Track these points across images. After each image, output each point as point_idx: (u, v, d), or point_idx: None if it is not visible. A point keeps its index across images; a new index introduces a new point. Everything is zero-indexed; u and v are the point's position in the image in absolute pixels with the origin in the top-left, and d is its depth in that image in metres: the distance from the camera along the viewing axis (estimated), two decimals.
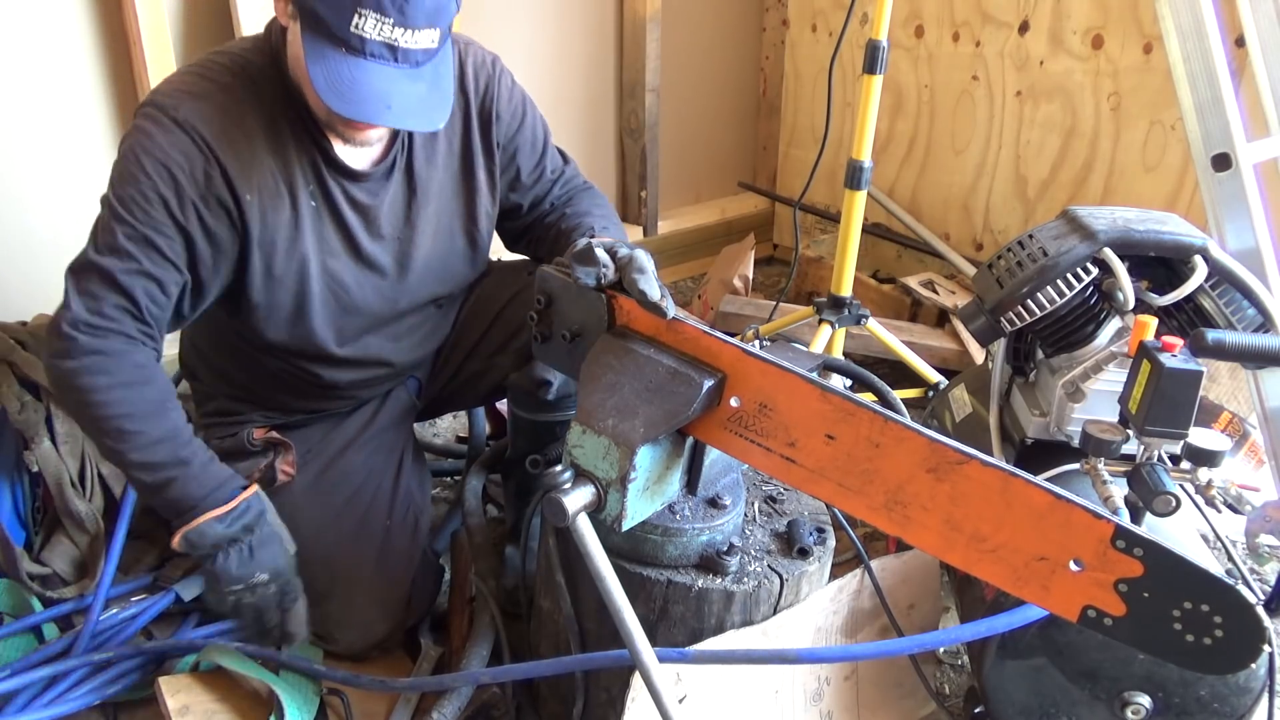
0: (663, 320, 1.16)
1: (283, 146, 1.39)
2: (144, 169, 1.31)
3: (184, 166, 1.31)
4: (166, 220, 1.33)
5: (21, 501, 1.69)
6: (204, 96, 1.34)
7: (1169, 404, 1.17)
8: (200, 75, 1.37)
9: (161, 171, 1.31)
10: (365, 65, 1.23)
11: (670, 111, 3.24)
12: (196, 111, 1.32)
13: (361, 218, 1.48)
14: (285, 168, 1.40)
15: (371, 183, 1.47)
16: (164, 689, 1.44)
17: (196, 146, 1.32)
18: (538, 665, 1.28)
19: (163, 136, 1.31)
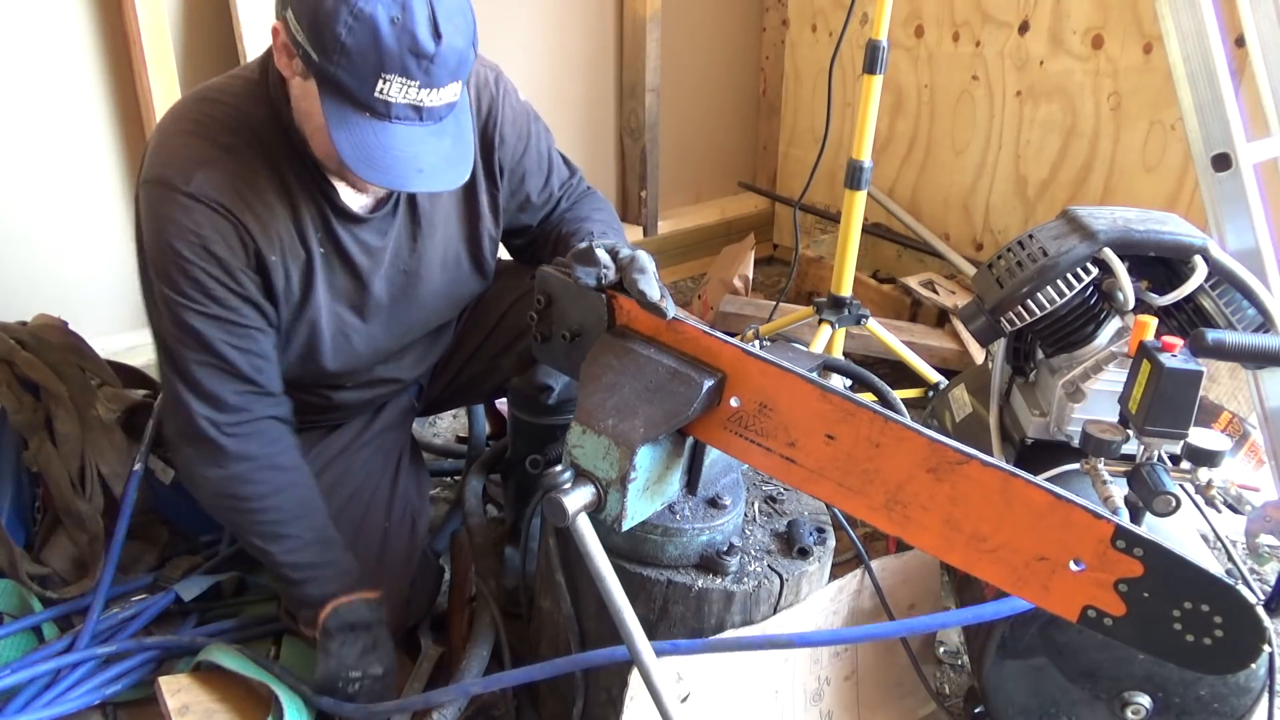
0: (663, 320, 1.16)
1: (292, 200, 1.36)
2: (184, 256, 1.29)
3: (217, 240, 1.29)
4: (228, 295, 1.32)
5: (21, 501, 1.69)
6: (211, 163, 1.29)
7: (1169, 404, 1.17)
8: (200, 136, 1.31)
9: (201, 253, 1.29)
10: (391, 129, 1.20)
11: (670, 111, 3.24)
12: (209, 181, 1.29)
13: (370, 260, 1.46)
14: (297, 221, 1.37)
15: (378, 223, 1.45)
16: (164, 689, 1.44)
17: (220, 216, 1.29)
18: (531, 670, 1.27)
19: (186, 217, 1.28)
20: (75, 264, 2.19)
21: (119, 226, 2.23)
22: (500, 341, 1.74)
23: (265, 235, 1.33)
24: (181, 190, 1.28)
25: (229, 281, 1.32)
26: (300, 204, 1.37)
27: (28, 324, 1.87)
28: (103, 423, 1.75)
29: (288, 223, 1.36)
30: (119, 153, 2.18)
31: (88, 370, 1.81)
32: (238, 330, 1.34)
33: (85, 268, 2.21)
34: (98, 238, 2.21)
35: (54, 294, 2.15)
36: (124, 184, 2.21)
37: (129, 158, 2.19)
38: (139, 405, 1.83)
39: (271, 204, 1.33)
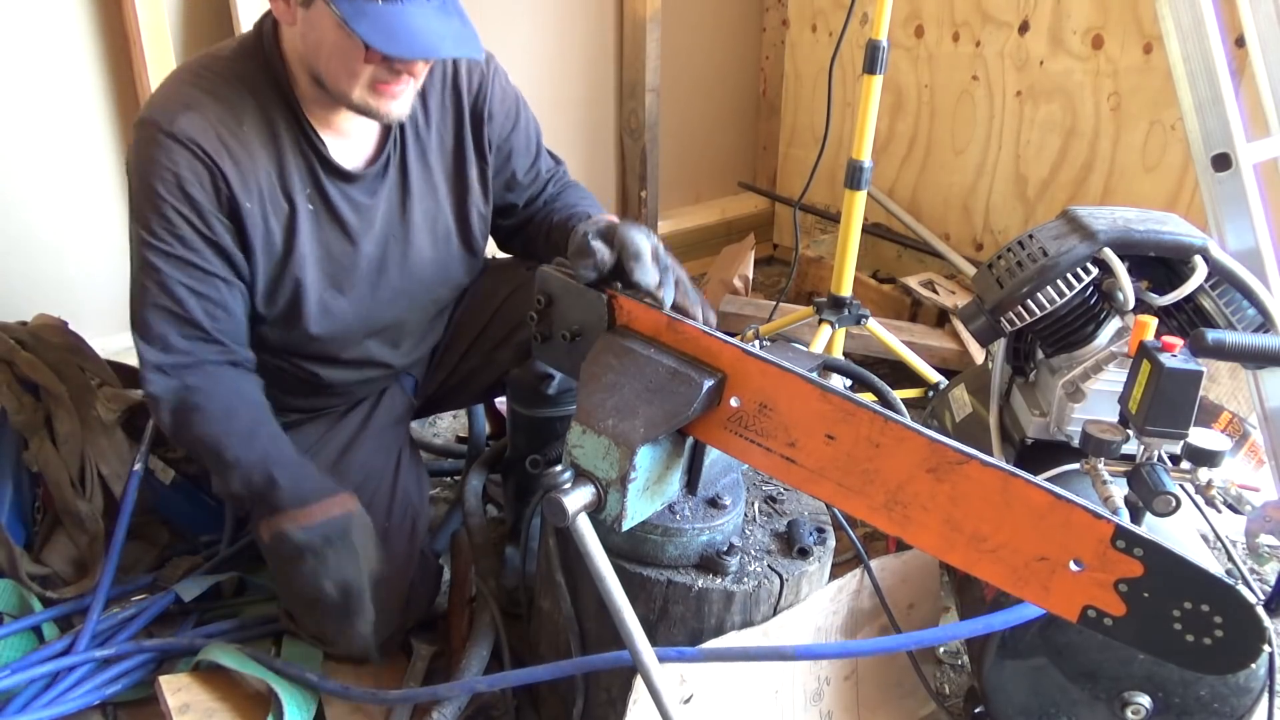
0: (663, 319, 1.16)
1: (279, 151, 1.40)
2: (159, 194, 1.33)
3: (192, 181, 1.33)
4: (195, 237, 1.35)
5: (21, 501, 1.69)
6: (197, 107, 1.34)
7: (1169, 404, 1.17)
8: (194, 84, 1.37)
9: (174, 191, 1.33)
10: (405, 9, 1.25)
11: (670, 111, 3.24)
12: (191, 123, 1.33)
13: (360, 219, 1.48)
14: (282, 172, 1.40)
15: (367, 183, 1.48)
16: (164, 688, 1.44)
17: (197, 159, 1.33)
18: (534, 671, 1.28)
19: (165, 156, 1.32)
20: (75, 264, 2.19)
21: (119, 226, 2.23)
22: (497, 334, 1.74)
23: (243, 181, 1.36)
24: (164, 130, 1.32)
25: (199, 223, 1.34)
26: (287, 155, 1.40)
27: (28, 324, 1.87)
28: (103, 423, 1.75)
29: (271, 173, 1.39)
30: (119, 153, 2.18)
31: (88, 370, 1.81)
32: (198, 275, 1.36)
33: (85, 268, 2.21)
34: (98, 238, 2.21)
35: (54, 294, 2.15)
36: (124, 184, 2.20)
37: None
38: (139, 405, 1.83)
39: (254, 152, 1.37)
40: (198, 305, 1.37)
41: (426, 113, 1.55)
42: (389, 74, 1.34)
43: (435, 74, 1.55)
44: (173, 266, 1.35)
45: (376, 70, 1.32)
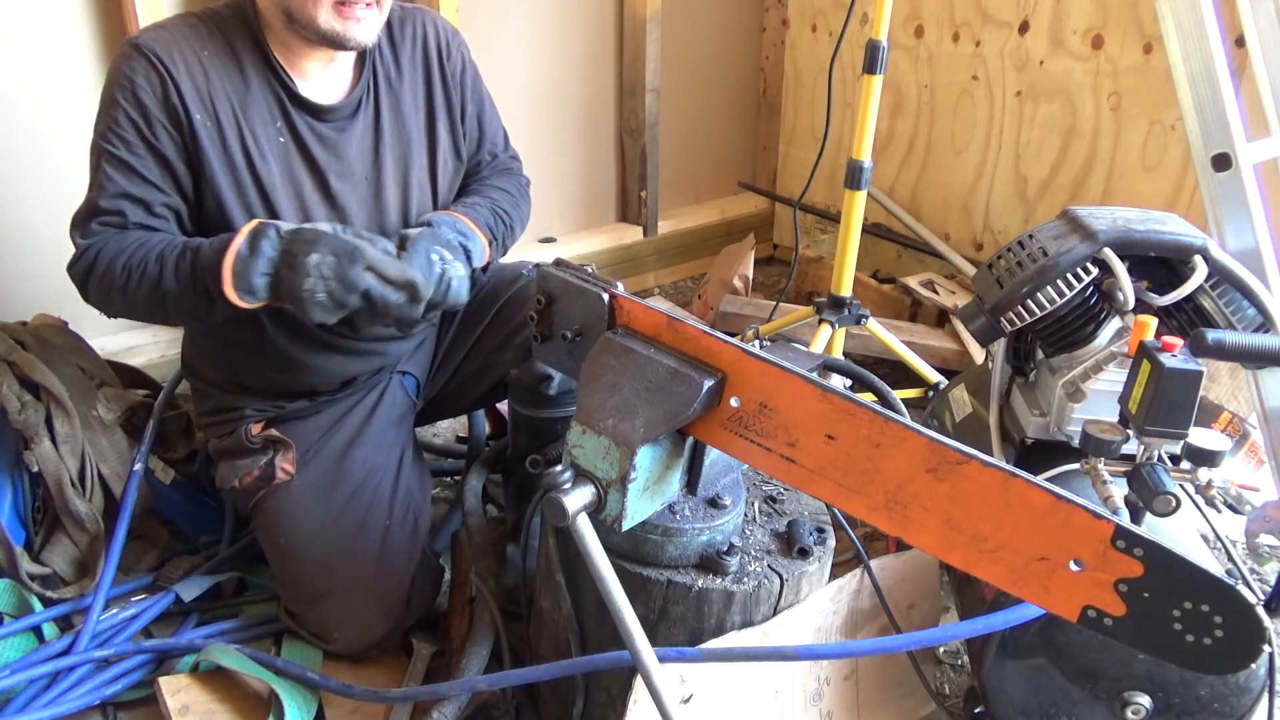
0: (663, 319, 1.16)
1: (244, 80, 1.46)
2: (114, 99, 1.40)
3: (145, 88, 1.39)
4: (139, 142, 1.40)
5: (21, 501, 1.69)
6: (165, 27, 1.44)
7: (1169, 404, 1.17)
8: (173, 19, 1.47)
9: (128, 96, 1.39)
10: None
11: (670, 111, 3.24)
12: (154, 38, 1.41)
13: (330, 154, 1.52)
14: (244, 100, 1.45)
15: (338, 120, 1.53)
16: (164, 689, 1.44)
17: (153, 66, 1.39)
18: (535, 670, 1.28)
19: (126, 65, 1.40)
20: None
21: None
22: (497, 337, 1.75)
23: (196, 95, 1.42)
24: (131, 44, 1.41)
25: (143, 127, 1.40)
26: (252, 87, 1.46)
27: (28, 324, 1.87)
28: (103, 423, 1.75)
29: (231, 99, 1.44)
30: None
31: (88, 370, 1.81)
32: (138, 180, 1.41)
33: None
34: None
35: (54, 294, 2.15)
36: None
37: None
38: (139, 405, 1.83)
39: (212, 74, 1.43)
40: (125, 205, 1.41)
41: (399, 68, 1.60)
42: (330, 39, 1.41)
43: (405, 36, 1.60)
44: (115, 169, 1.40)
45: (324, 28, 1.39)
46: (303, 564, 1.53)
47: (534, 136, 1.85)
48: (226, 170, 1.44)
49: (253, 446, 1.58)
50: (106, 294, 1.41)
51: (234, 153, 1.44)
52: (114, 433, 1.76)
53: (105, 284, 1.40)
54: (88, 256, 1.41)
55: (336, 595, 1.52)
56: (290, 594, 1.58)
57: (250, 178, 1.46)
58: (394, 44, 1.59)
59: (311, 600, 1.54)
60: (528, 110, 2.91)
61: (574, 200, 3.17)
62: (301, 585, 1.55)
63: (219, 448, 1.63)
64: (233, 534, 1.80)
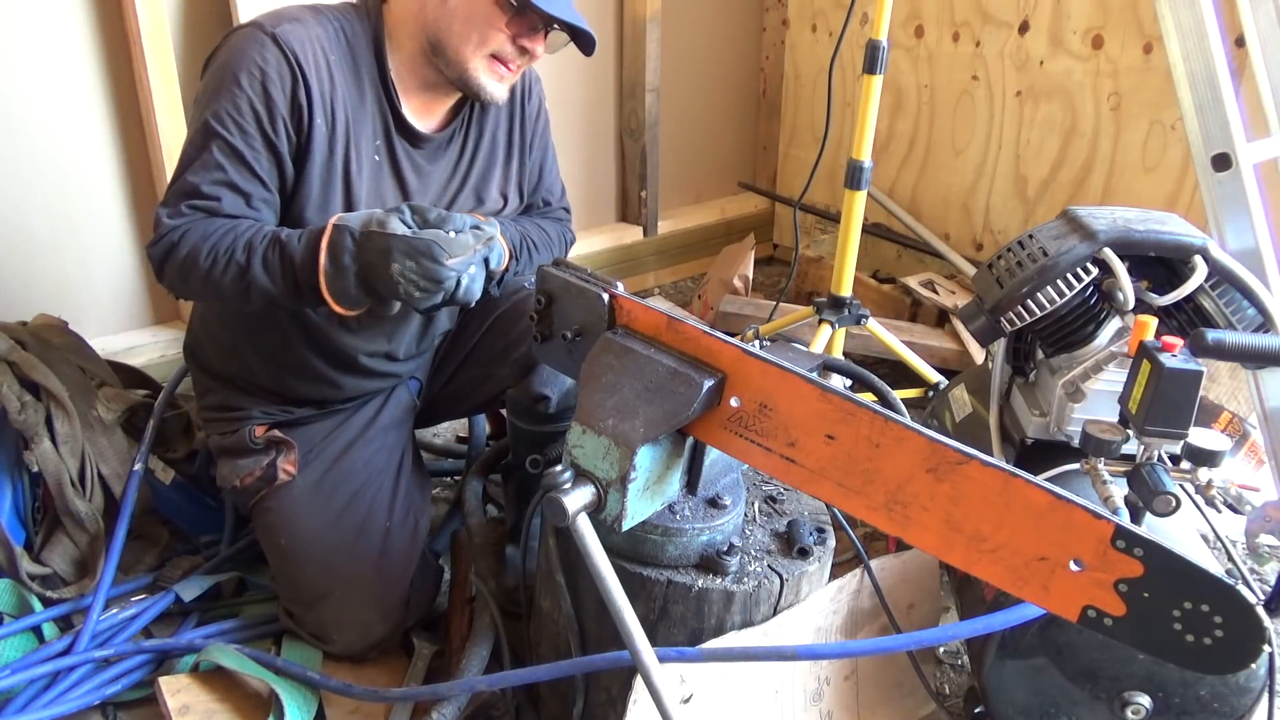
0: (663, 319, 1.16)
1: (360, 95, 1.45)
2: (239, 83, 1.35)
3: (276, 81, 1.36)
4: (257, 134, 1.37)
5: (21, 501, 1.69)
6: (302, 23, 1.41)
7: (1169, 404, 1.17)
8: (302, 10, 1.44)
9: (256, 85, 1.36)
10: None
11: (670, 111, 3.24)
12: (292, 32, 1.38)
13: (418, 180, 1.54)
14: (358, 114, 1.45)
15: (432, 149, 1.55)
16: (164, 689, 1.44)
17: (286, 60, 1.37)
18: (535, 670, 1.28)
19: (258, 51, 1.36)
20: (75, 264, 2.19)
21: (119, 226, 2.23)
22: (495, 346, 1.74)
23: (321, 100, 1.40)
24: (265, 30, 1.37)
25: (266, 122, 1.37)
26: (366, 102, 1.46)
27: (28, 324, 1.87)
28: (103, 423, 1.75)
29: (348, 108, 1.44)
30: (119, 153, 2.18)
31: (88, 370, 1.81)
32: (245, 173, 1.37)
33: (85, 268, 2.21)
34: (98, 238, 2.21)
35: (54, 294, 2.15)
36: (124, 184, 2.21)
37: (129, 158, 2.19)
38: (139, 405, 1.83)
39: (336, 80, 1.42)
40: (227, 194, 1.37)
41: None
42: (513, 52, 1.42)
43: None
44: (225, 155, 1.36)
45: (504, 43, 1.40)
46: (303, 565, 1.53)
47: None
48: (323, 177, 1.43)
49: (255, 447, 1.58)
50: (185, 277, 1.37)
51: (336, 163, 1.44)
52: (114, 433, 1.76)
53: (186, 267, 1.35)
54: (171, 237, 1.36)
55: (336, 596, 1.52)
56: (290, 595, 1.58)
57: (342, 189, 1.45)
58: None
59: (311, 601, 1.54)
60: None
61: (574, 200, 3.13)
62: (301, 586, 1.55)
63: (220, 445, 1.63)
64: (233, 534, 1.80)
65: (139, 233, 2.26)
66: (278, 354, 1.56)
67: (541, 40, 1.44)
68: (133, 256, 2.27)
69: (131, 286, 2.30)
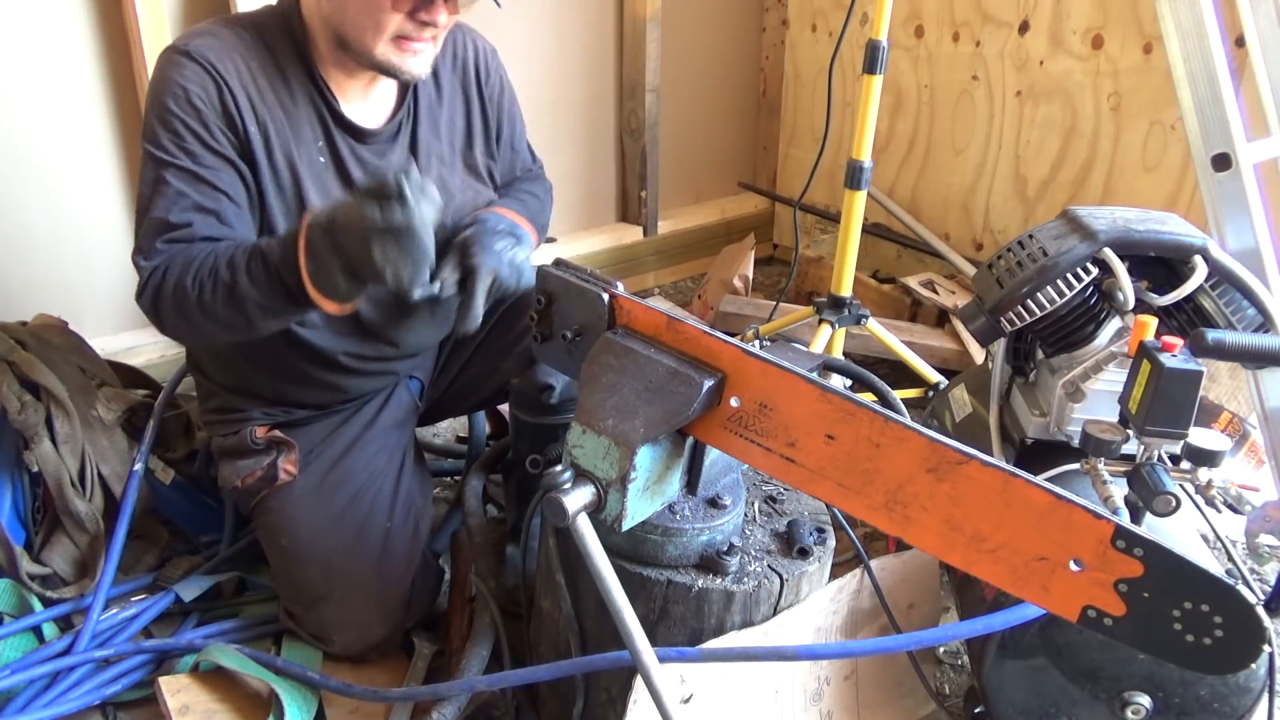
0: (663, 319, 1.16)
1: (290, 96, 1.43)
2: (169, 109, 1.35)
3: (201, 96, 1.35)
4: (202, 150, 1.36)
5: (21, 501, 1.70)
6: (213, 35, 1.39)
7: (1169, 404, 1.17)
8: (215, 23, 1.43)
9: (185, 106, 1.35)
10: None
11: (670, 111, 3.24)
12: (205, 45, 1.37)
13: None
14: (291, 116, 1.43)
15: (379, 144, 1.52)
16: (164, 689, 1.44)
17: (207, 73, 1.36)
18: (535, 670, 1.28)
19: (177, 72, 1.35)
20: (75, 264, 2.19)
21: (119, 226, 2.23)
22: (498, 342, 1.74)
23: (250, 105, 1.39)
24: (179, 50, 1.37)
25: (204, 134, 1.35)
26: (299, 104, 1.44)
27: (28, 324, 1.87)
28: (103, 423, 1.75)
29: (279, 110, 1.42)
30: (119, 153, 2.18)
31: (88, 370, 1.81)
32: (206, 190, 1.36)
33: (85, 268, 2.21)
34: (98, 238, 2.21)
35: (54, 294, 2.15)
36: (124, 184, 2.21)
37: (129, 158, 2.19)
38: (139, 405, 1.83)
39: (261, 84, 1.40)
40: (197, 218, 1.35)
41: (439, 89, 1.59)
42: (414, 27, 1.37)
43: (446, 55, 1.59)
44: (182, 181, 1.34)
45: (402, 23, 1.36)
46: (304, 565, 1.53)
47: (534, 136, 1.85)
48: (275, 183, 1.42)
49: (256, 447, 1.58)
50: (181, 313, 1.34)
51: (280, 168, 1.42)
52: (114, 433, 1.76)
53: (178, 302, 1.32)
54: (154, 279, 1.33)
55: (336, 597, 1.52)
56: (290, 595, 1.58)
57: (294, 194, 1.43)
58: (435, 64, 1.55)
59: (311, 602, 1.54)
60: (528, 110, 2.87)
61: (574, 200, 3.17)
62: (302, 587, 1.55)
63: (221, 446, 1.63)
64: (233, 534, 1.80)
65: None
66: (274, 365, 1.56)
67: (440, 9, 1.37)
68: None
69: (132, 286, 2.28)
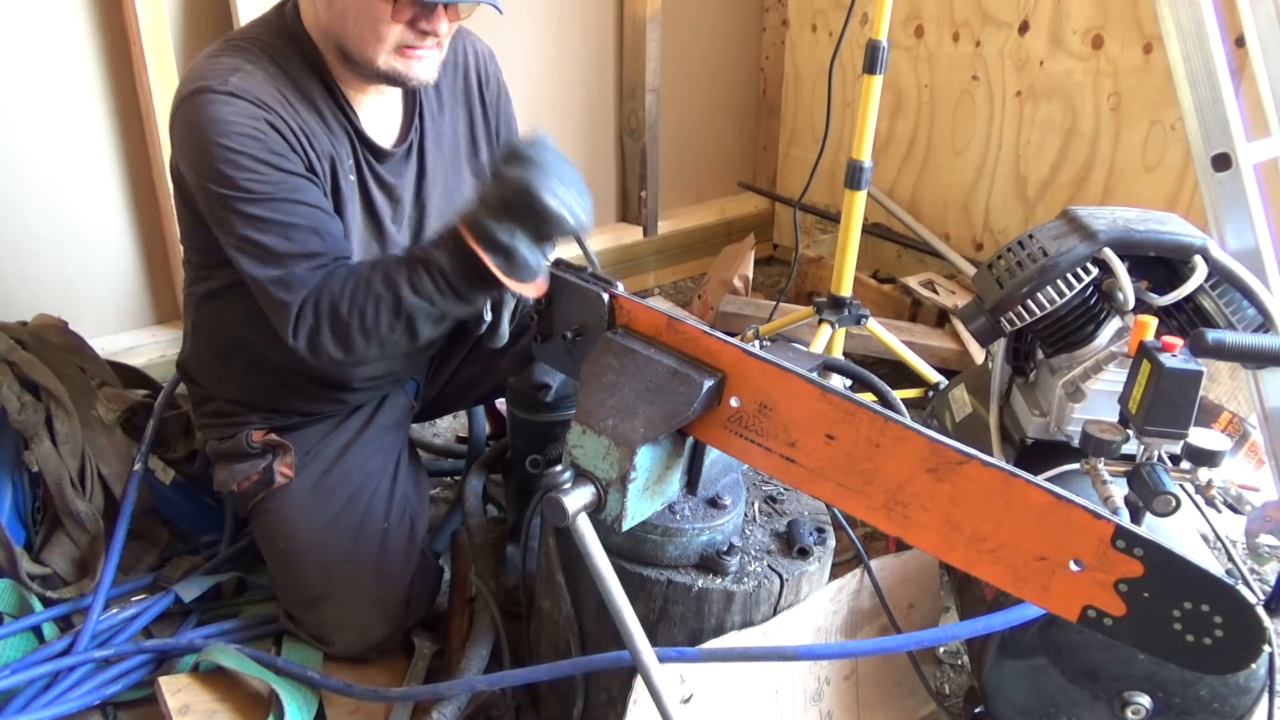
0: (663, 319, 1.16)
1: (323, 120, 1.41)
2: (229, 148, 1.29)
3: (254, 129, 1.31)
4: (276, 174, 1.32)
5: (21, 501, 1.70)
6: (245, 71, 1.34)
7: (1169, 404, 1.17)
8: (233, 54, 1.37)
9: (245, 141, 1.30)
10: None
11: (670, 111, 3.24)
12: (244, 79, 1.33)
13: (387, 198, 1.51)
14: (329, 140, 1.42)
15: (394, 163, 1.52)
16: (164, 688, 1.44)
17: (256, 107, 1.32)
18: (535, 670, 1.28)
19: (228, 112, 1.30)
20: (75, 264, 2.19)
21: (119, 226, 2.23)
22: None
23: (295, 137, 1.35)
24: (219, 90, 1.30)
25: (272, 159, 1.31)
26: (333, 126, 1.42)
27: (28, 324, 1.87)
28: (103, 423, 1.75)
29: (320, 137, 1.40)
30: (119, 153, 2.18)
31: (88, 370, 1.81)
32: (304, 210, 1.33)
33: (85, 268, 2.21)
34: (98, 238, 2.21)
35: (54, 294, 2.15)
36: (124, 184, 2.21)
37: (129, 158, 2.19)
38: (139, 405, 1.83)
39: (303, 115, 1.38)
40: (321, 242, 1.32)
41: (440, 99, 1.58)
42: (415, 36, 1.35)
43: (446, 61, 1.57)
44: (276, 210, 1.30)
45: (403, 33, 1.34)
46: (301, 567, 1.53)
47: None
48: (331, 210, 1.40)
49: (252, 451, 1.58)
50: (343, 344, 1.31)
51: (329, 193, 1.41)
52: (114, 433, 1.76)
53: (339, 336, 1.31)
54: (305, 317, 1.30)
55: (335, 598, 1.52)
56: (290, 598, 1.58)
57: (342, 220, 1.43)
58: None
59: (311, 604, 1.53)
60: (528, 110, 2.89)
61: None
62: (300, 589, 1.54)
63: (217, 450, 1.63)
64: (233, 534, 1.80)
65: (139, 233, 2.26)
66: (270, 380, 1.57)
67: (441, 17, 1.35)
68: (133, 256, 2.27)
69: (131, 286, 2.30)
